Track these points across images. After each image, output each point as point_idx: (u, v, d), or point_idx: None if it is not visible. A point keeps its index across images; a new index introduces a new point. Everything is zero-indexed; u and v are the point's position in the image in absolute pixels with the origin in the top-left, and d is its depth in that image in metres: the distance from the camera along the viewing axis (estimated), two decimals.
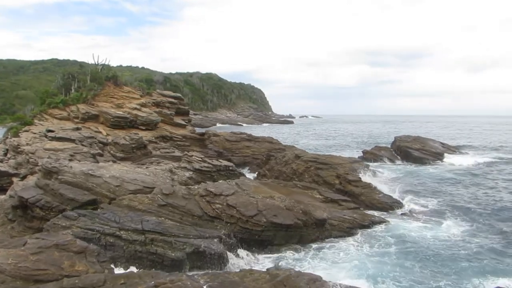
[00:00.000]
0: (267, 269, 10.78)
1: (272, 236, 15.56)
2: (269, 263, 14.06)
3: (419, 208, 22.03)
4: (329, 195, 21.83)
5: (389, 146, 45.45)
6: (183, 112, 42.97)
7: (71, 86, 38.81)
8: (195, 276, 10.24)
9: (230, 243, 14.78)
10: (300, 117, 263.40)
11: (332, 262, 14.52)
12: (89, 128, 32.21)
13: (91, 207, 15.88)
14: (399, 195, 24.69)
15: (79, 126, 31.60)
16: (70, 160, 21.50)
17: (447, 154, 41.99)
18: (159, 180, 19.66)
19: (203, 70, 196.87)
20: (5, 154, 26.20)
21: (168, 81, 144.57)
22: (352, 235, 17.46)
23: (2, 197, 18.97)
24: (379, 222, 18.89)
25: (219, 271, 11.96)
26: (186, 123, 40.67)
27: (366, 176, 26.62)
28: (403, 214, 20.86)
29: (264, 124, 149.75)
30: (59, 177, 17.64)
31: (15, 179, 21.85)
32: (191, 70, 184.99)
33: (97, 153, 25.75)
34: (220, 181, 19.63)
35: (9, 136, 29.10)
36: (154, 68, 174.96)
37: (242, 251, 14.89)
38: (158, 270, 11.16)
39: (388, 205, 21.99)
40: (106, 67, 43.22)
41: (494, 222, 19.37)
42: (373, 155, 40.74)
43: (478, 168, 36.35)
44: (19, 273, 9.75)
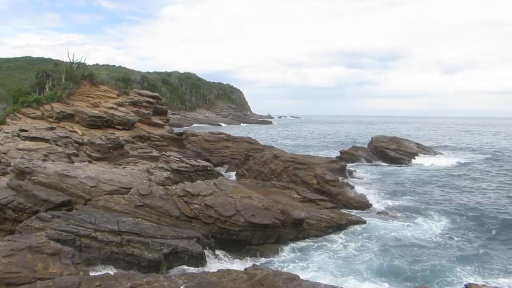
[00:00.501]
0: (245, 269, 10.77)
1: (250, 236, 15.58)
2: (247, 263, 14.08)
3: (395, 207, 22.45)
4: (307, 194, 21.99)
5: (366, 146, 46.09)
6: (161, 112, 42.65)
7: (45, 84, 38.12)
8: (173, 277, 10.15)
9: (208, 243, 14.78)
10: (278, 117, 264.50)
11: (309, 261, 14.67)
12: (64, 127, 31.60)
13: (66, 208, 15.60)
14: (376, 194, 25.22)
15: (54, 125, 30.98)
16: (44, 160, 21.03)
17: (422, 155, 42.85)
18: (136, 181, 19.45)
19: (182, 69, 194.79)
20: None
21: (146, 80, 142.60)
22: (329, 234, 17.67)
23: None
24: (356, 221, 19.16)
25: (196, 272, 11.91)
26: (164, 123, 40.37)
27: (343, 176, 26.95)
28: (379, 213, 21.22)
29: (243, 124, 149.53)
30: (33, 177, 17.27)
31: None
32: (170, 70, 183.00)
33: (72, 153, 25.27)
34: (198, 181, 19.54)
35: None
36: (131, 67, 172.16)
37: (220, 252, 14.91)
38: (135, 272, 11.03)
39: (364, 204, 22.38)
40: (82, 65, 42.56)
41: (466, 221, 19.89)
42: (350, 155, 41.19)
43: (452, 168, 37.28)
44: None
